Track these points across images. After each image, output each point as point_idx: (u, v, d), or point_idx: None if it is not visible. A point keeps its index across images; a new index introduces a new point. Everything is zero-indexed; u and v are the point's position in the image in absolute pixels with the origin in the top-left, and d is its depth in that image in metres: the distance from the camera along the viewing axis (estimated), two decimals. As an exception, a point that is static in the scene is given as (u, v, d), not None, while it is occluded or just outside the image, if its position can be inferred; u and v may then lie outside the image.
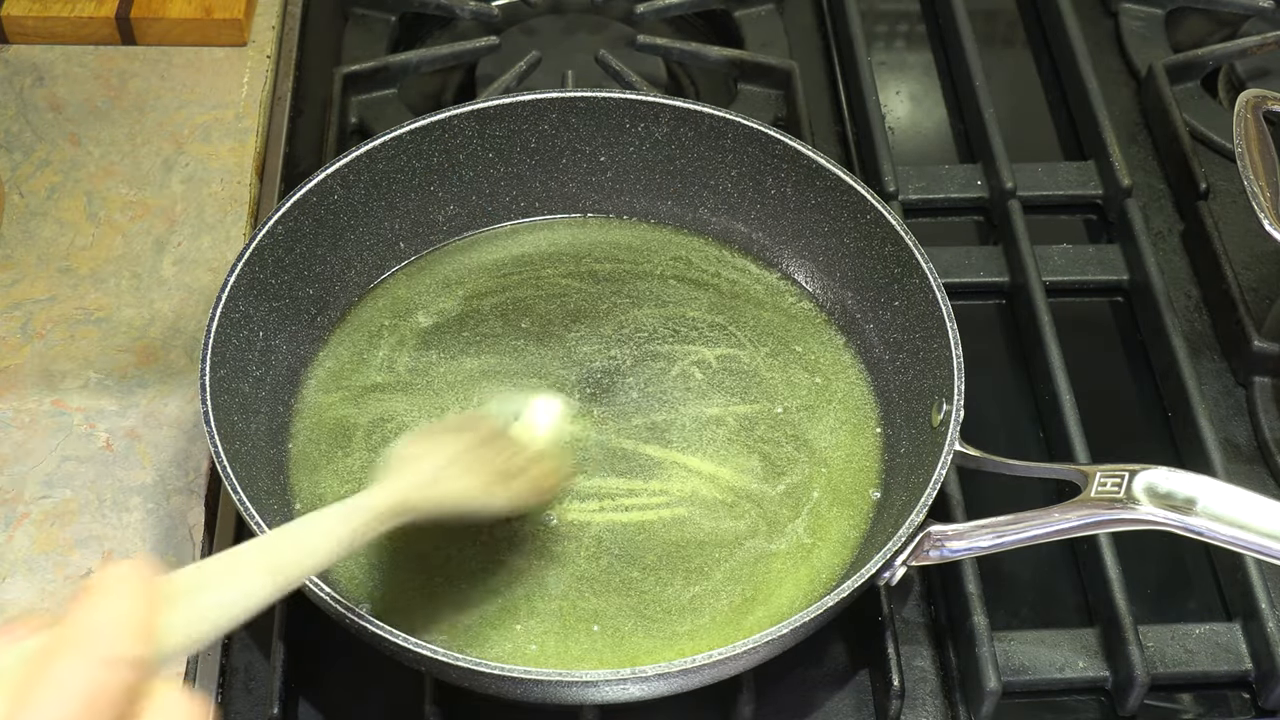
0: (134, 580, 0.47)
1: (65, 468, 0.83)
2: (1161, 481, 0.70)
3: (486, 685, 0.69)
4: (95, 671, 0.45)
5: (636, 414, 0.84)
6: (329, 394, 0.85)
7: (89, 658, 0.45)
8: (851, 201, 0.86)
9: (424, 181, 0.89)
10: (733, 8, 1.12)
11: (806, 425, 0.84)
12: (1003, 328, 0.95)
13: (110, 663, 0.45)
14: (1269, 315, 0.91)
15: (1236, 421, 0.89)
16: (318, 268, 0.86)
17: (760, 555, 0.78)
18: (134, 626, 0.46)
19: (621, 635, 0.75)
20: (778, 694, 0.77)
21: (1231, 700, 0.78)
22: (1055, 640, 0.78)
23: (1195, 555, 0.83)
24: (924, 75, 1.12)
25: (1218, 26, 1.14)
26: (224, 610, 0.53)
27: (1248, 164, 0.83)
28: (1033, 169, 1.00)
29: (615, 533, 0.79)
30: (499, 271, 0.91)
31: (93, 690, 0.45)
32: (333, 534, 0.61)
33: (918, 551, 0.73)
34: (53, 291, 0.91)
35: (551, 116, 0.90)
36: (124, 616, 0.46)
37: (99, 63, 1.05)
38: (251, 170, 0.99)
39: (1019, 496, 0.81)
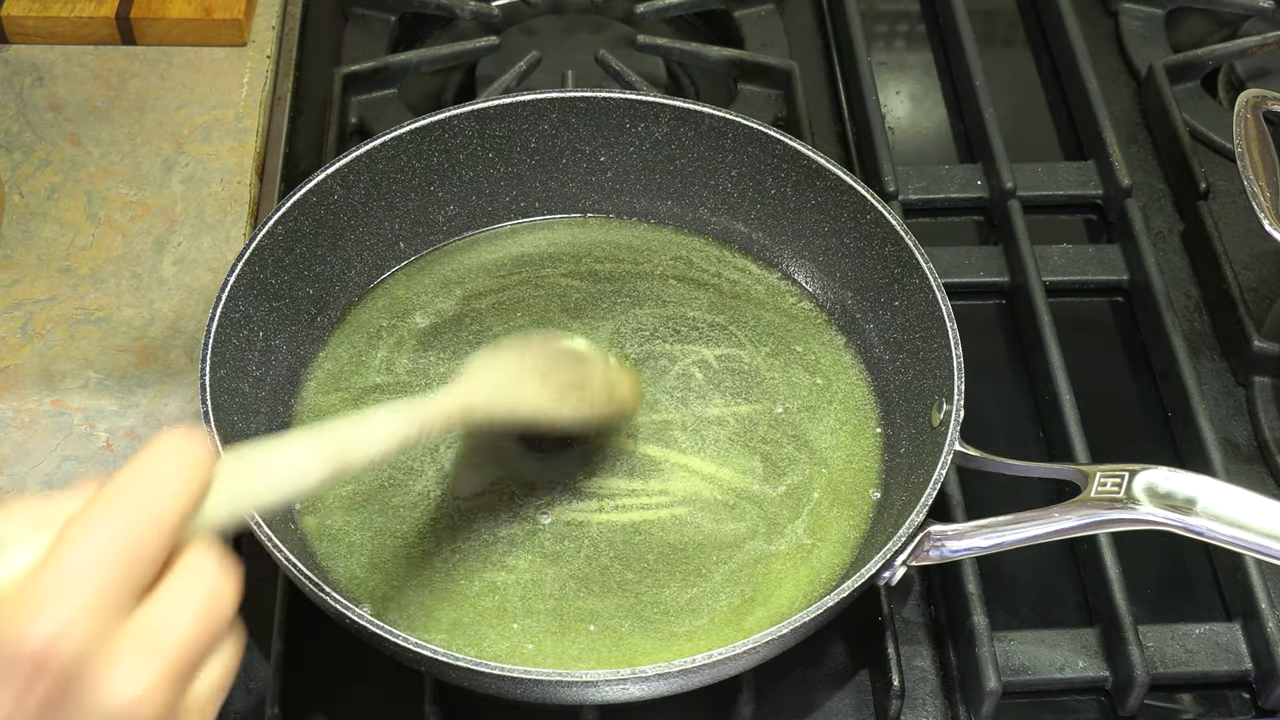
0: (187, 446, 0.48)
1: (65, 468, 0.83)
2: (1161, 481, 0.70)
3: (486, 685, 0.69)
4: (133, 529, 0.46)
5: (636, 414, 0.84)
6: (329, 394, 0.85)
7: (129, 515, 0.46)
8: (851, 201, 0.86)
9: (424, 181, 0.89)
10: (733, 8, 1.12)
11: (807, 425, 0.84)
12: (1003, 328, 0.95)
13: (150, 522, 0.46)
14: (1269, 315, 0.91)
15: (1236, 421, 0.89)
16: (318, 268, 0.86)
17: (760, 556, 0.78)
18: (180, 489, 0.47)
19: (619, 635, 0.75)
20: (778, 694, 0.77)
21: (1231, 700, 0.78)
22: (1055, 640, 0.78)
23: (1195, 555, 0.83)
24: (924, 75, 1.12)
25: (1218, 26, 1.14)
26: (270, 489, 0.54)
27: (1248, 164, 0.83)
28: (1033, 169, 1.00)
29: (614, 533, 0.79)
30: (499, 271, 0.91)
31: (127, 545, 0.45)
32: (396, 428, 0.61)
33: (918, 551, 0.73)
34: (53, 291, 0.91)
35: (551, 116, 0.90)
36: (172, 479, 0.47)
37: (99, 63, 1.05)
38: (251, 170, 0.99)
39: (1019, 496, 0.81)
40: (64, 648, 0.43)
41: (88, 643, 0.44)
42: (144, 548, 0.46)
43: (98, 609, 0.44)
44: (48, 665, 0.43)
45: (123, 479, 0.47)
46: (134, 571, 0.46)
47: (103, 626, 0.44)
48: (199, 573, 0.47)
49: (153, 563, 0.46)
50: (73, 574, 0.44)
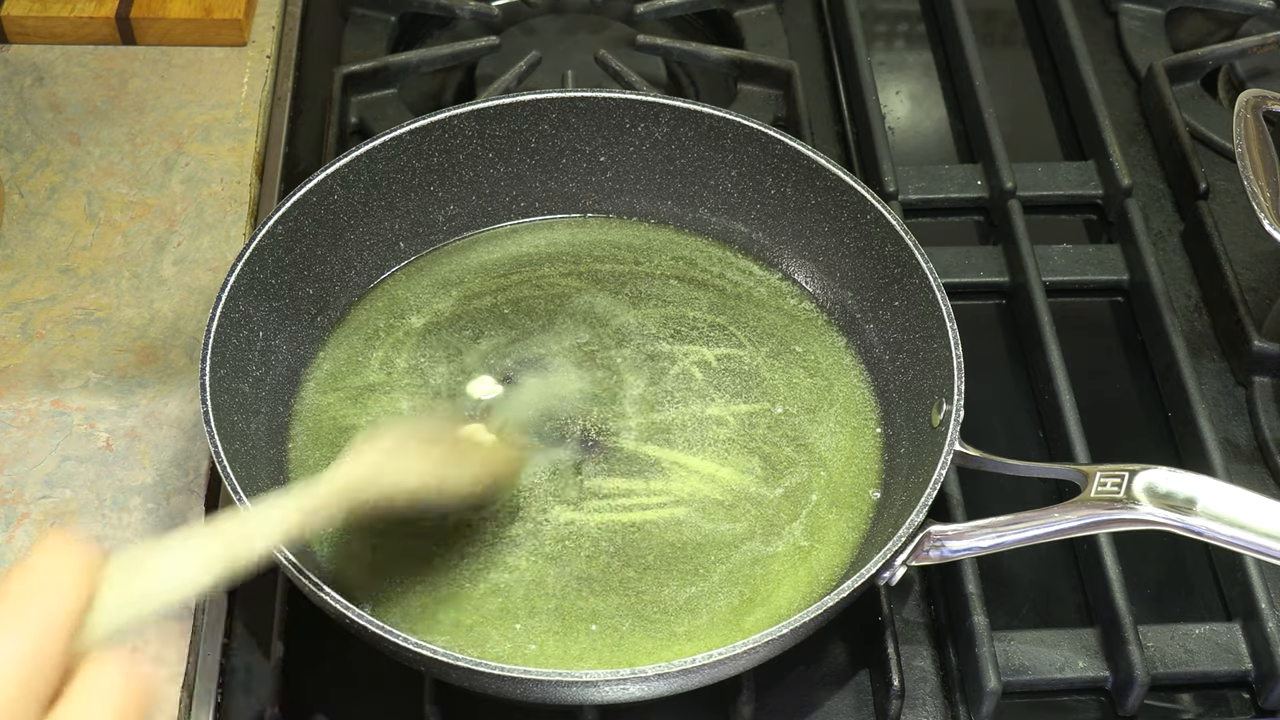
0: (69, 553, 0.47)
1: (65, 468, 0.83)
2: (1161, 481, 0.70)
3: (486, 685, 0.69)
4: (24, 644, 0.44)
5: (636, 414, 0.84)
6: (329, 394, 0.85)
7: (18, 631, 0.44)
8: (851, 201, 0.86)
9: (424, 181, 0.89)
10: (733, 8, 1.12)
11: (806, 426, 0.84)
12: (1003, 328, 0.95)
13: (40, 635, 0.44)
14: (1269, 315, 0.91)
15: (1236, 421, 0.89)
16: (318, 268, 0.86)
17: (759, 556, 0.78)
18: (67, 598, 0.46)
19: (620, 635, 0.75)
20: (778, 694, 0.77)
21: (1231, 700, 0.78)
22: (1055, 640, 0.78)
23: (1195, 555, 0.83)
24: (924, 75, 1.12)
25: (1218, 26, 1.14)
26: (167, 590, 0.53)
27: (1248, 164, 0.83)
28: (1033, 169, 1.00)
29: (614, 532, 0.79)
30: (499, 271, 0.91)
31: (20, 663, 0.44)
32: (278, 520, 0.61)
33: (918, 551, 0.73)
34: (53, 291, 0.91)
35: (551, 116, 0.90)
36: (57, 588, 0.46)
37: (99, 63, 1.05)
38: (251, 170, 0.99)
39: (1019, 496, 0.81)
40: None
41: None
42: (38, 663, 0.44)
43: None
44: None
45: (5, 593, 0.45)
46: (30, 689, 0.44)
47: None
48: (102, 683, 0.46)
49: (50, 677, 0.45)
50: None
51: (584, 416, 0.84)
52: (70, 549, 0.47)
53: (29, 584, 0.45)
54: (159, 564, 0.53)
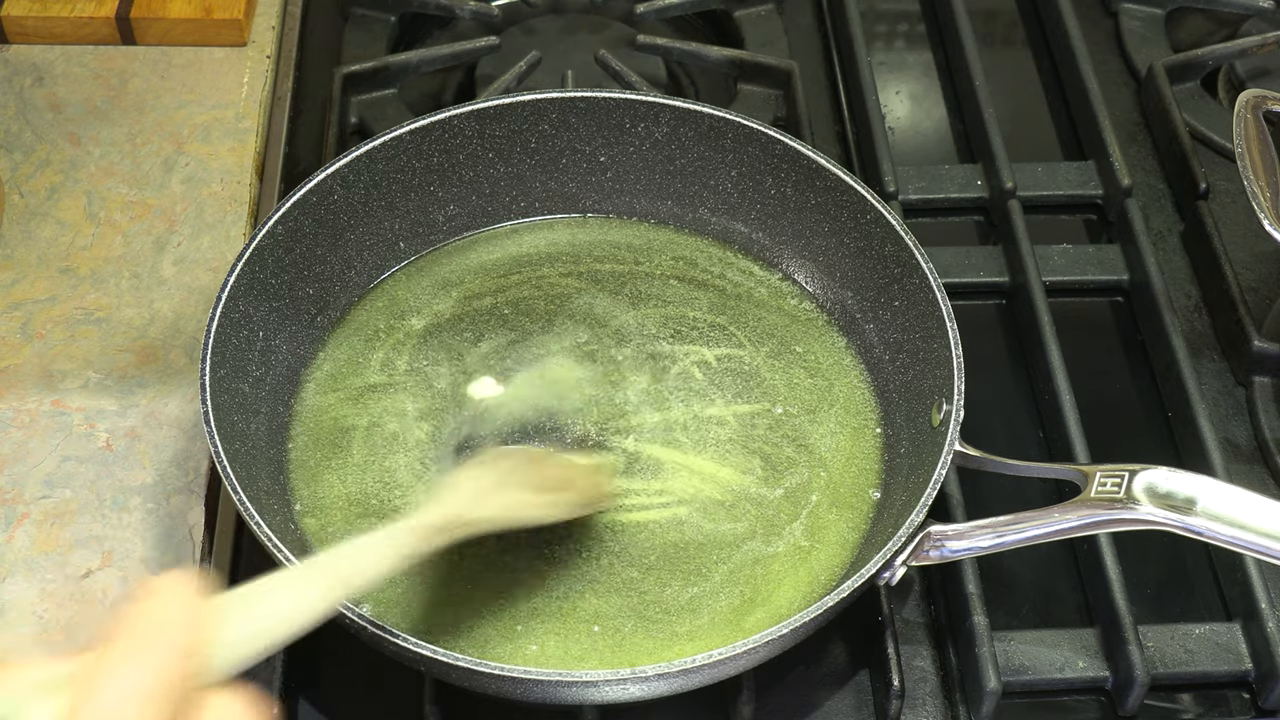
0: (181, 589, 0.48)
1: (65, 468, 0.83)
2: (1161, 481, 0.70)
3: (486, 685, 0.69)
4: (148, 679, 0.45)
5: (636, 414, 0.84)
6: (329, 394, 0.85)
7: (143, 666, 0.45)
8: (851, 201, 0.86)
9: (424, 181, 0.89)
10: (733, 8, 1.12)
11: (807, 426, 0.84)
12: (1003, 328, 0.95)
13: (163, 670, 0.45)
14: (1269, 315, 0.91)
15: (1236, 421, 0.89)
16: (318, 268, 0.86)
17: (760, 556, 0.78)
18: (186, 635, 0.47)
19: (621, 635, 0.75)
20: (778, 694, 0.77)
21: (1231, 700, 0.78)
22: (1055, 640, 0.78)
23: (1195, 555, 0.83)
24: (924, 75, 1.12)
25: (1218, 26, 1.14)
26: (276, 626, 0.53)
27: (1248, 164, 0.83)
28: (1033, 169, 1.00)
29: (615, 532, 0.79)
30: (499, 271, 0.91)
31: (146, 696, 0.45)
32: (383, 553, 0.62)
33: (918, 551, 0.73)
34: (53, 291, 0.91)
35: (551, 116, 0.90)
36: (176, 615, 0.47)
37: (99, 63, 1.05)
38: (251, 170, 0.99)
39: (1019, 496, 0.81)
40: None
41: None
42: (165, 691, 0.45)
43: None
44: None
45: (127, 629, 0.46)
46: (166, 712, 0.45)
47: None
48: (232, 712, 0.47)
49: (178, 707, 0.45)
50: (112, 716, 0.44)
51: (584, 417, 0.84)
52: (183, 587, 0.47)
53: (147, 620, 0.46)
54: (268, 601, 0.54)
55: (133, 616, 0.46)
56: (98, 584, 0.78)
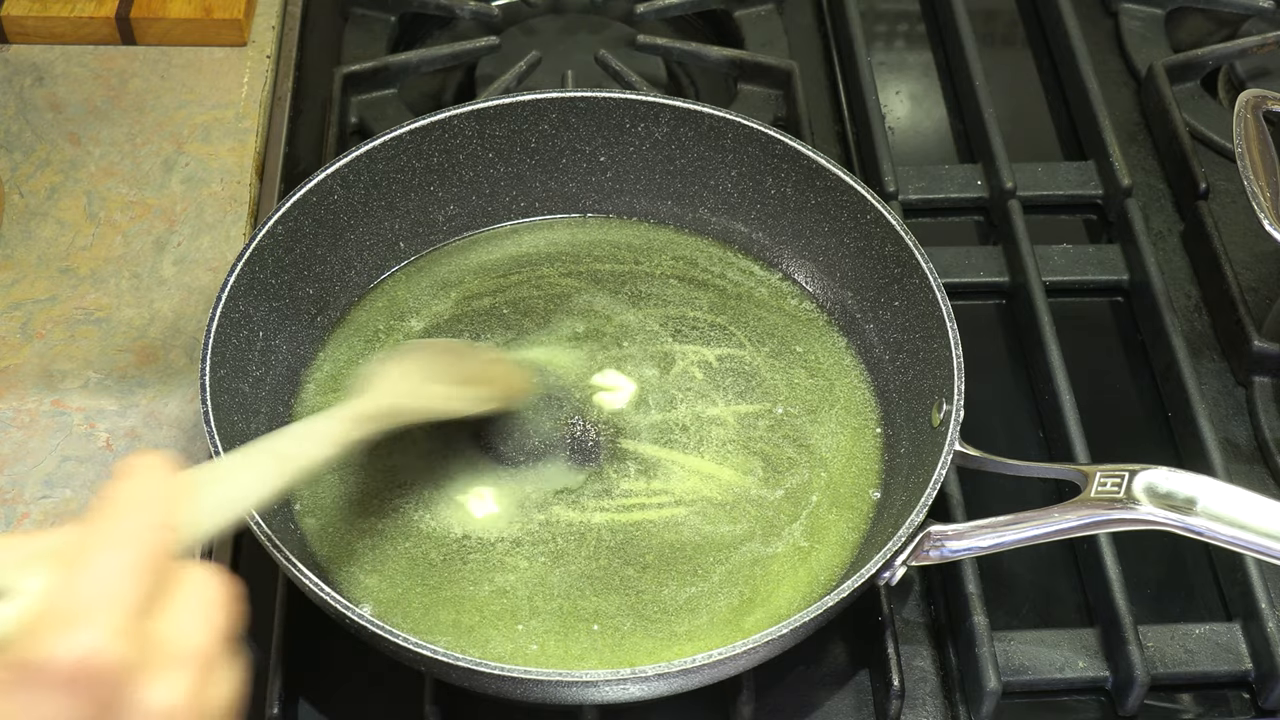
0: (158, 465, 0.50)
1: (65, 468, 0.83)
2: (1161, 481, 0.70)
3: (486, 685, 0.69)
4: (134, 545, 0.47)
5: (636, 413, 0.84)
6: (329, 394, 0.85)
7: (128, 533, 0.47)
8: (851, 201, 0.86)
9: (424, 181, 0.89)
10: (733, 8, 1.12)
11: (807, 426, 0.84)
12: (1003, 328, 0.95)
13: (149, 529, 0.48)
14: (1269, 315, 0.91)
15: (1236, 421, 0.89)
16: (318, 268, 0.86)
17: (759, 557, 0.78)
18: (164, 504, 0.49)
19: (621, 634, 0.75)
20: (778, 694, 0.77)
21: (1231, 700, 0.78)
22: (1055, 640, 0.78)
23: (1195, 555, 0.83)
24: (924, 75, 1.12)
25: (1218, 26, 1.14)
26: (241, 498, 0.58)
27: (1248, 164, 0.83)
28: (1033, 169, 1.00)
29: (615, 532, 0.79)
30: (499, 271, 0.91)
31: (134, 561, 0.47)
32: (328, 435, 0.67)
33: (918, 551, 0.73)
34: (53, 291, 0.91)
35: (551, 116, 0.90)
36: (155, 492, 0.49)
37: (99, 63, 1.05)
38: (251, 170, 0.99)
39: (1019, 496, 0.81)
40: (99, 662, 0.44)
41: (120, 656, 0.44)
42: (149, 562, 0.47)
43: (122, 624, 0.45)
44: (86, 681, 0.44)
45: (109, 505, 0.48)
46: (145, 585, 0.46)
47: (129, 641, 0.45)
48: (202, 585, 0.49)
49: (159, 577, 0.47)
50: (92, 594, 0.45)
51: (584, 416, 0.84)
52: (159, 466, 0.50)
53: (127, 497, 0.49)
54: (230, 479, 0.59)
55: (113, 493, 0.48)
56: (98, 584, 0.78)
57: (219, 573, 0.49)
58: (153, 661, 0.46)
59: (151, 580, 0.47)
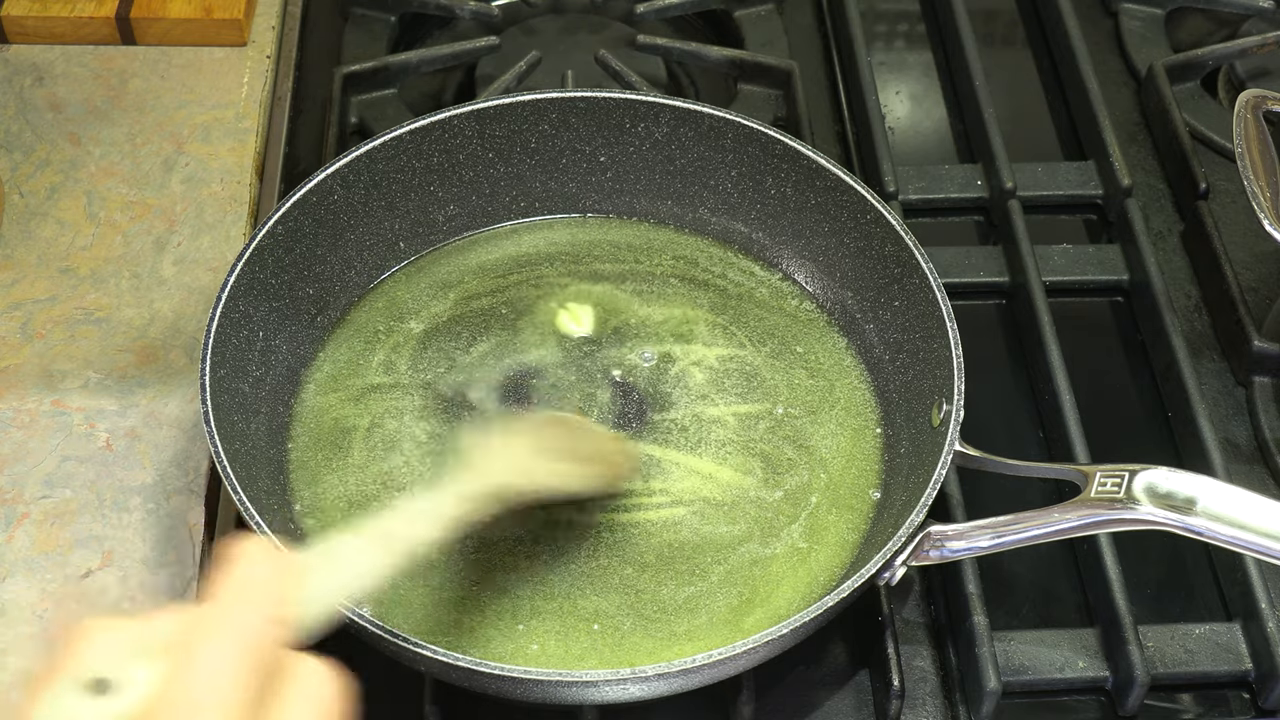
0: (267, 551, 0.49)
1: (65, 468, 0.83)
2: (1161, 481, 0.70)
3: (486, 685, 0.69)
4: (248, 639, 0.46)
5: (636, 413, 0.84)
6: (329, 394, 0.85)
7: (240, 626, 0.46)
8: (851, 201, 0.86)
9: (424, 181, 0.89)
10: (733, 8, 1.12)
11: (807, 426, 0.84)
12: (1003, 328, 0.95)
13: (259, 619, 0.46)
14: (1269, 315, 0.91)
15: (1236, 421, 0.89)
16: (318, 268, 0.86)
17: (758, 557, 0.78)
18: (276, 595, 0.48)
19: (621, 634, 0.75)
20: (778, 694, 0.77)
21: (1231, 700, 0.78)
22: (1055, 640, 0.78)
23: (1195, 555, 0.83)
24: (924, 75, 1.12)
25: (1218, 26, 1.14)
26: (349, 583, 0.56)
27: (1248, 164, 0.83)
28: (1033, 169, 1.00)
29: (615, 531, 0.79)
30: (499, 271, 0.91)
31: (247, 656, 0.45)
32: (439, 515, 0.64)
33: (918, 551, 0.73)
34: (53, 291, 0.91)
35: (551, 116, 0.90)
36: (264, 579, 0.48)
37: (99, 63, 1.05)
38: (251, 170, 0.99)
39: (1019, 496, 0.81)
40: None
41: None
42: (260, 655, 0.46)
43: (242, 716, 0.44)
44: None
45: (217, 588, 0.47)
46: (256, 680, 0.45)
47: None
48: (315, 680, 0.47)
49: (270, 670, 0.46)
50: (203, 690, 0.44)
51: (585, 416, 0.84)
52: (266, 553, 0.48)
53: (235, 585, 0.47)
54: (340, 562, 0.57)
55: (221, 579, 0.47)
56: (98, 584, 0.78)
57: (332, 667, 0.48)
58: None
59: (263, 674, 0.46)
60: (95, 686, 0.44)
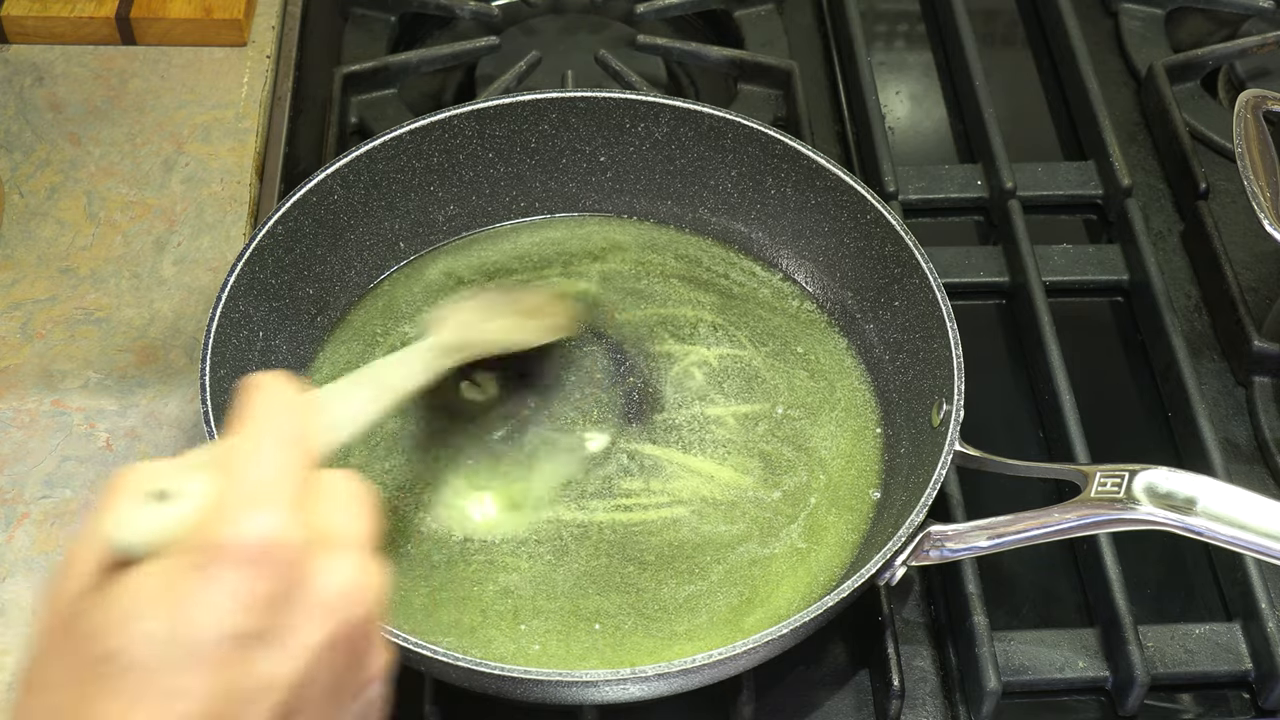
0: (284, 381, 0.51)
1: (65, 468, 0.83)
2: (1161, 481, 0.70)
3: (487, 685, 0.69)
4: (291, 441, 0.49)
5: (637, 414, 0.84)
6: (329, 394, 0.85)
7: (282, 432, 0.49)
8: (851, 201, 0.86)
9: (424, 181, 0.89)
10: (733, 8, 1.12)
11: (807, 426, 0.84)
12: (1003, 328, 0.95)
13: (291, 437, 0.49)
14: (1269, 315, 0.91)
15: (1236, 421, 0.89)
16: (318, 268, 0.86)
17: (758, 557, 0.78)
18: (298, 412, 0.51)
19: (622, 634, 0.75)
20: (778, 694, 0.77)
21: (1231, 700, 0.78)
22: (1055, 640, 0.78)
23: (1195, 555, 0.83)
24: (924, 75, 1.12)
25: (1218, 26, 1.14)
26: (354, 417, 0.64)
27: (1248, 164, 0.83)
28: (1033, 169, 1.00)
29: (616, 531, 0.79)
30: (499, 271, 0.91)
31: (295, 454, 0.49)
32: (422, 364, 0.73)
33: (917, 551, 0.73)
34: (53, 291, 0.91)
35: (551, 116, 0.90)
36: (287, 405, 0.51)
37: (99, 63, 1.05)
38: (251, 170, 0.99)
39: (1019, 496, 0.81)
40: (282, 540, 0.46)
41: (299, 536, 0.46)
42: (293, 472, 0.48)
43: (294, 510, 0.47)
44: (271, 560, 0.45)
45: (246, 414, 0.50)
46: (300, 484, 0.48)
47: (303, 525, 0.47)
48: (347, 486, 0.50)
49: (314, 473, 0.49)
50: (258, 486, 0.47)
51: (585, 416, 0.84)
52: (283, 382, 0.51)
53: (263, 410, 0.50)
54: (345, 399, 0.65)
55: (248, 406, 0.50)
56: (98, 584, 0.78)
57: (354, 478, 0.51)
58: (325, 544, 0.47)
59: (300, 485, 0.48)
60: (159, 496, 0.46)
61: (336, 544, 0.48)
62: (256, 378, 0.51)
